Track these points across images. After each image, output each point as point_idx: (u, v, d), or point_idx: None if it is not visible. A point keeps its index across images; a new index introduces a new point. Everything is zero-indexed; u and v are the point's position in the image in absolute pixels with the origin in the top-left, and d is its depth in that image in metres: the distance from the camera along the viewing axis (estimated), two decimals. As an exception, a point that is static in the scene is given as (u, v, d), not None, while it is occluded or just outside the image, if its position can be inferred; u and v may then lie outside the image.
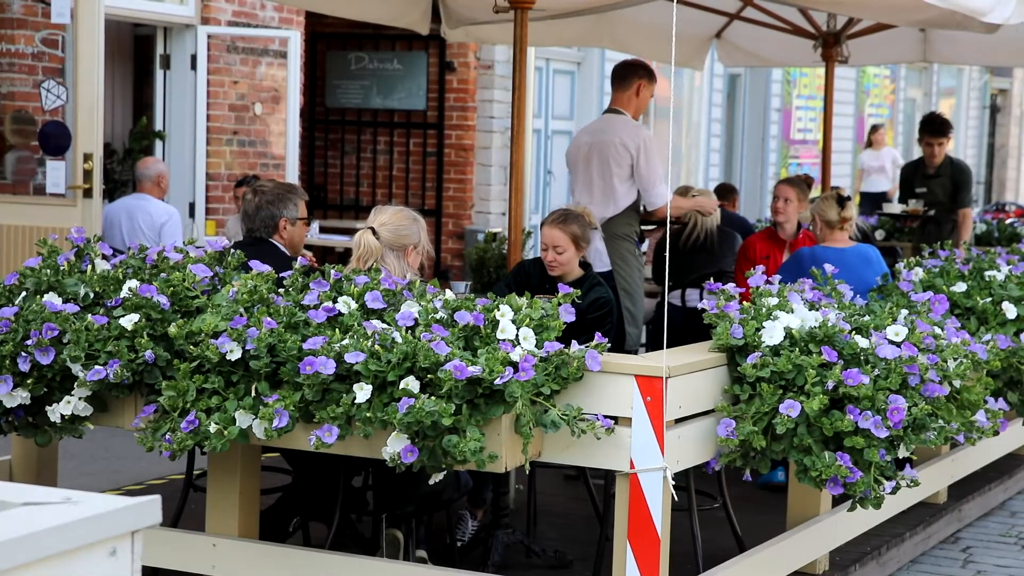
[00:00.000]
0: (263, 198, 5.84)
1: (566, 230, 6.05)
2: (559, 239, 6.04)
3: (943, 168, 10.28)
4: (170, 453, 4.55)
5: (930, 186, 10.35)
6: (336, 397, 4.39)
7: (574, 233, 6.05)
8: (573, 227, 6.06)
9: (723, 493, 5.75)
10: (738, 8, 9.14)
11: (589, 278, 6.08)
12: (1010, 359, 6.03)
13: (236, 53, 11.81)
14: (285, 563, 4.97)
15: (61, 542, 2.21)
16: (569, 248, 6.05)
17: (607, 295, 6.06)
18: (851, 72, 22.06)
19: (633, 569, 4.53)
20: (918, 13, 7.14)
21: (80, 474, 7.24)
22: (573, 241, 6.05)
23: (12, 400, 4.74)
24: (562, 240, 6.04)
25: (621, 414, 4.49)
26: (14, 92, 9.84)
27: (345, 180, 15.17)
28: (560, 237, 6.04)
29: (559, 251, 6.05)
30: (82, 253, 5.09)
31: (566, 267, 6.08)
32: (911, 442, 4.76)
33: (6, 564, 2.12)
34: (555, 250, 6.05)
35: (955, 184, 10.22)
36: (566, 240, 6.04)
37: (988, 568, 6.50)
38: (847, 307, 5.28)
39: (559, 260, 6.06)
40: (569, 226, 6.06)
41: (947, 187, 10.24)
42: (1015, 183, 30.83)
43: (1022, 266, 6.89)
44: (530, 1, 6.55)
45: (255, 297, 4.67)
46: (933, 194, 10.35)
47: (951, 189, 10.22)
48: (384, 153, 14.93)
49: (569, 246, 6.05)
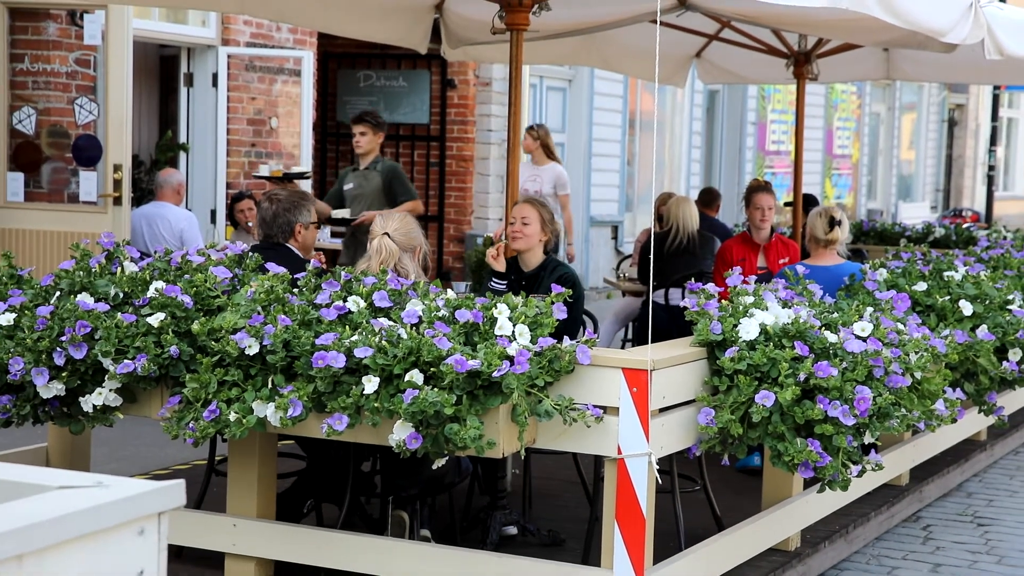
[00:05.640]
0: (279, 206, 5.83)
1: (536, 207, 6.06)
2: (527, 211, 6.03)
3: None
4: (193, 440, 4.55)
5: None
6: (346, 388, 4.38)
7: (542, 213, 6.05)
8: (542, 209, 6.08)
9: (703, 476, 5.75)
10: (717, 29, 9.14)
11: (552, 261, 6.09)
12: (967, 352, 6.03)
13: (254, 71, 11.80)
14: (299, 541, 4.97)
15: (93, 523, 2.21)
16: (535, 223, 6.01)
17: (570, 271, 6.07)
18: (821, 88, 22.07)
19: (620, 547, 4.52)
20: (882, 34, 7.14)
21: (111, 460, 7.24)
22: (540, 218, 6.03)
23: (48, 391, 4.73)
24: (530, 213, 6.02)
25: (609, 404, 4.49)
26: (50, 108, 9.82)
27: (354, 188, 15.13)
28: (529, 210, 6.03)
29: (525, 221, 6.01)
30: (112, 256, 5.09)
31: (530, 240, 6.02)
32: (876, 429, 4.77)
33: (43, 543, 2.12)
34: (522, 220, 6.01)
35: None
36: (534, 215, 6.02)
37: (946, 545, 6.50)
38: (817, 305, 5.28)
39: (524, 231, 6.00)
40: (538, 207, 6.08)
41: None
42: (971, 191, 30.84)
43: (978, 267, 6.89)
44: (525, 23, 6.54)
45: (272, 296, 4.66)
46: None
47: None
48: (390, 164, 14.90)
49: (535, 221, 6.01)
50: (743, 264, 7.44)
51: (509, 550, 5.25)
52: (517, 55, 6.53)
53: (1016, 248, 8.64)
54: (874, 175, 26.69)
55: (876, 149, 26.68)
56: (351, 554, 4.89)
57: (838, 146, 24.29)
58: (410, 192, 8.86)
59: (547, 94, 16.11)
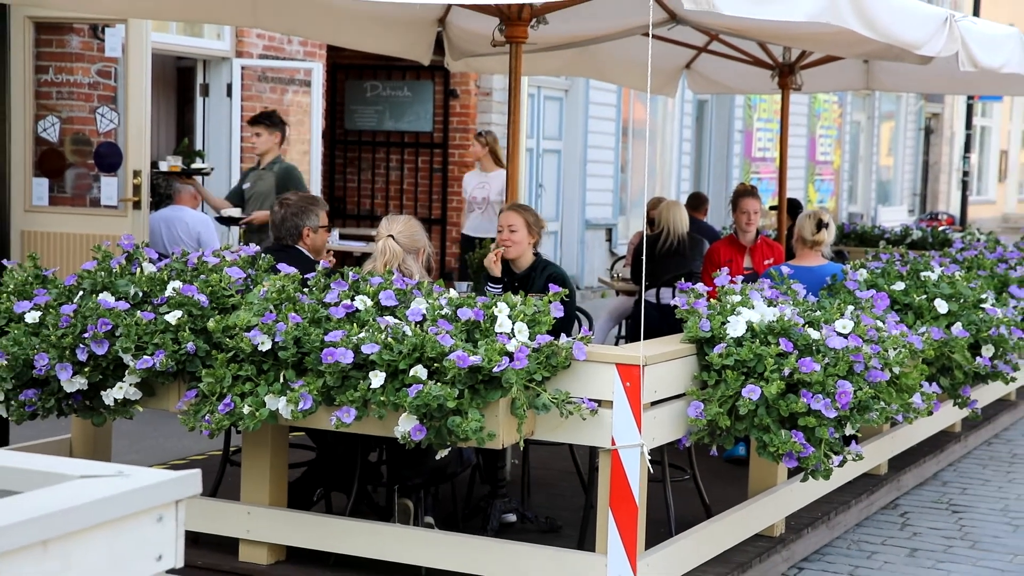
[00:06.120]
0: (288, 210, 5.82)
1: (520, 214, 6.06)
2: (513, 219, 6.04)
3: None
4: (209, 432, 4.55)
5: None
6: (354, 383, 4.38)
7: (526, 218, 6.05)
8: (527, 214, 6.08)
9: (693, 466, 5.75)
10: (705, 42, 9.13)
11: (541, 261, 6.10)
12: (942, 348, 6.03)
13: (266, 82, 11.78)
14: (310, 528, 4.96)
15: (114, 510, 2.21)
16: (521, 229, 6.02)
17: (559, 270, 6.08)
18: (804, 98, 22.06)
19: (614, 533, 4.52)
20: (862, 46, 7.13)
21: (131, 451, 7.23)
22: (525, 224, 6.04)
23: (72, 386, 4.73)
24: (516, 220, 6.03)
25: (604, 398, 4.48)
26: (73, 117, 9.82)
27: (362, 193, 15.15)
28: (514, 217, 6.04)
29: (512, 229, 6.02)
30: (132, 258, 5.09)
31: (519, 246, 6.03)
32: (856, 421, 4.76)
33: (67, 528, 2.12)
34: (509, 228, 6.03)
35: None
36: (520, 221, 6.03)
37: (922, 530, 6.49)
38: (801, 304, 5.28)
39: (512, 239, 6.02)
40: (523, 212, 6.08)
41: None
42: (946, 195, 30.84)
43: (953, 268, 6.88)
44: (524, 36, 6.53)
45: (283, 296, 4.66)
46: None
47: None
48: (396, 169, 14.91)
49: (522, 227, 6.02)
50: (730, 265, 7.43)
51: (508, 536, 5.25)
52: (516, 66, 6.52)
53: (989, 250, 8.64)
54: (855, 180, 26.69)
55: (856, 156, 26.68)
56: (359, 540, 4.89)
57: (820, 153, 24.29)
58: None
59: (545, 103, 16.11)
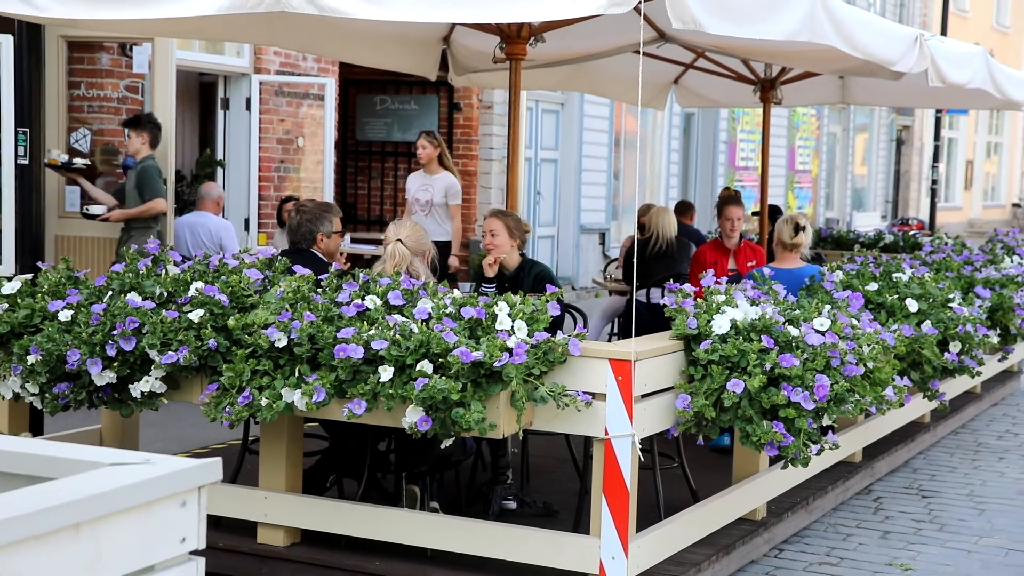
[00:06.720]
0: (304, 216, 5.83)
1: (500, 219, 6.06)
2: (494, 224, 6.04)
3: None
4: (229, 423, 4.55)
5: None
6: (364, 377, 4.38)
7: (507, 222, 6.05)
8: (507, 219, 6.08)
9: (680, 455, 5.75)
10: (692, 59, 9.14)
11: (528, 261, 6.12)
12: (913, 345, 6.03)
13: (283, 96, 11.79)
14: (323, 512, 4.97)
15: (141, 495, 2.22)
16: (502, 233, 6.02)
17: (545, 269, 6.11)
18: (784, 112, 22.06)
19: (607, 517, 4.52)
20: (839, 63, 7.14)
21: (157, 440, 7.23)
22: (506, 228, 6.03)
23: (101, 379, 4.74)
24: (497, 226, 6.03)
25: (597, 391, 4.49)
26: (103, 129, 9.83)
27: (371, 199, 15.15)
28: (495, 223, 6.04)
29: (494, 234, 6.02)
30: (157, 260, 5.09)
31: (502, 249, 6.02)
32: (833, 413, 4.77)
33: (98, 513, 2.12)
34: (491, 233, 6.03)
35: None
36: (500, 226, 6.03)
37: (894, 514, 6.50)
38: (781, 303, 5.28)
39: (494, 243, 6.01)
40: (503, 218, 6.08)
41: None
42: (916, 202, 30.85)
43: (923, 270, 6.89)
44: (523, 54, 6.54)
45: (298, 295, 4.66)
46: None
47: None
48: (403, 178, 14.87)
49: (502, 231, 6.02)
50: (715, 267, 7.44)
51: (509, 520, 5.25)
52: (516, 82, 6.53)
53: (956, 253, 8.64)
54: (831, 188, 26.69)
55: (833, 165, 26.67)
56: (369, 523, 4.90)
57: (799, 162, 24.28)
58: (154, 191, 8.46)
59: (542, 116, 16.11)
